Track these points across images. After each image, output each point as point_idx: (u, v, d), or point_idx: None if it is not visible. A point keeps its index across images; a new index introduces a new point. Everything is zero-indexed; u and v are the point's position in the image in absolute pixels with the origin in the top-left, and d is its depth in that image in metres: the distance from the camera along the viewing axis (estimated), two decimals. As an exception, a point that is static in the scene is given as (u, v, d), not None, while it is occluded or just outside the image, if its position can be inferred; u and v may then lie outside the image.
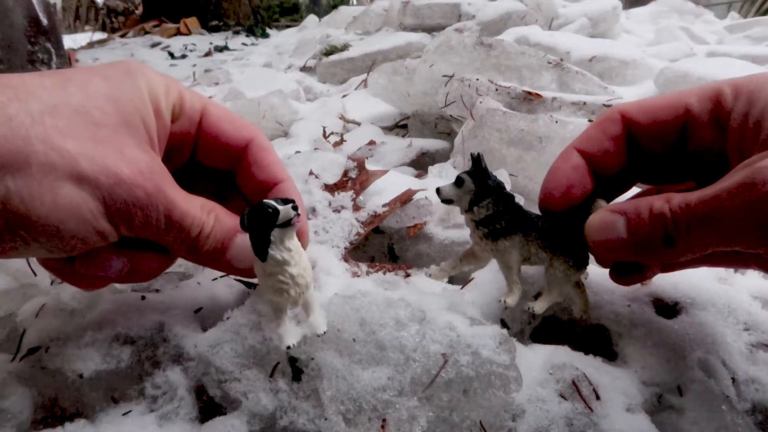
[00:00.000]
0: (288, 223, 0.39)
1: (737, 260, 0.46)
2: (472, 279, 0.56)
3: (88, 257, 0.41)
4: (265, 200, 0.39)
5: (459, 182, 0.47)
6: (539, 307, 0.47)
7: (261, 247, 0.39)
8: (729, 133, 0.40)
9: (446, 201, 0.48)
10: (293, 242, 0.41)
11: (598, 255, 0.45)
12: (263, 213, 0.38)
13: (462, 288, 0.55)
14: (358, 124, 1.24)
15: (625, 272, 0.48)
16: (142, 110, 0.41)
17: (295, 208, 0.39)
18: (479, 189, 0.46)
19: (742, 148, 0.39)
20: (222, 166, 0.49)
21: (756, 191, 0.33)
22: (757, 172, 0.33)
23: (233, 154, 0.48)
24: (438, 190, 0.48)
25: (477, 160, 0.46)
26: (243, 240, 0.44)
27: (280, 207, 0.39)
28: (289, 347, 0.42)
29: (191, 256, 0.44)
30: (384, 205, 0.63)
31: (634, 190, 0.52)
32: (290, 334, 0.42)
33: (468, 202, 0.47)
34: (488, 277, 0.56)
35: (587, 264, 0.47)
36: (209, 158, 0.49)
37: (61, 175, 0.35)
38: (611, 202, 0.45)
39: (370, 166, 0.72)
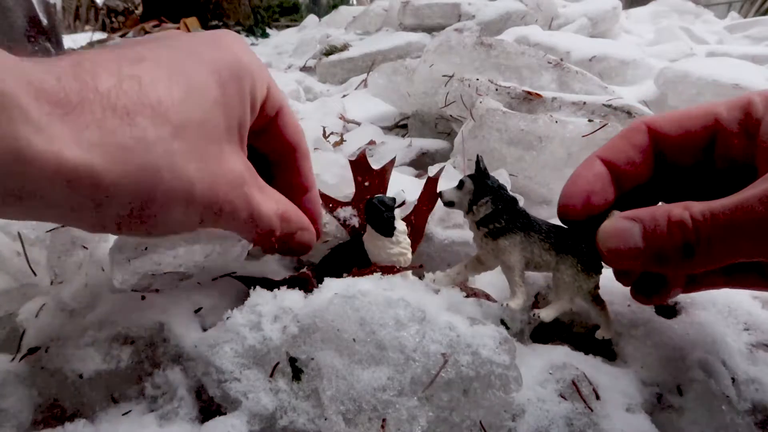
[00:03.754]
0: (402, 203, 0.56)
1: (763, 283, 0.45)
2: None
3: None
4: (377, 196, 0.54)
5: (460, 185, 0.47)
6: (546, 314, 0.45)
7: (389, 226, 0.52)
8: (759, 143, 0.39)
9: (448, 204, 0.48)
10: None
11: (611, 264, 0.43)
12: (386, 202, 0.53)
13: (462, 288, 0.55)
14: (358, 124, 1.24)
15: (645, 290, 0.46)
16: (243, 113, 0.43)
17: (399, 196, 0.60)
18: (477, 188, 0.46)
19: None
20: (269, 156, 0.54)
21: None
22: None
23: (282, 153, 0.53)
24: (440, 194, 0.48)
25: (476, 162, 0.47)
26: (301, 236, 0.52)
27: (394, 195, 0.57)
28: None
29: (260, 245, 0.51)
30: (411, 215, 0.61)
31: None
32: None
33: (468, 202, 0.47)
34: (488, 278, 0.56)
35: (601, 269, 0.45)
36: (263, 147, 0.52)
37: (176, 200, 0.38)
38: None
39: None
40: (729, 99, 0.43)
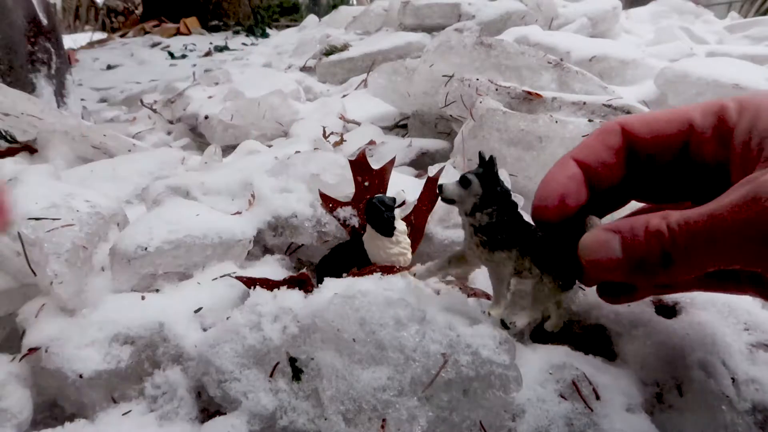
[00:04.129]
0: (402, 203, 0.55)
1: (735, 286, 0.45)
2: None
3: None
4: (377, 196, 0.54)
5: (465, 183, 0.43)
6: (521, 322, 0.45)
7: (389, 226, 0.53)
8: (732, 149, 0.39)
9: (448, 200, 0.45)
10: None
11: (592, 275, 0.43)
12: (386, 202, 0.53)
13: (462, 288, 0.55)
14: (358, 124, 1.24)
15: (612, 292, 0.47)
16: None
17: (399, 196, 0.60)
18: (486, 194, 0.43)
19: (746, 164, 0.38)
20: None
21: (760, 208, 0.32)
22: (761, 187, 0.32)
23: None
24: (440, 188, 0.44)
25: (489, 162, 0.43)
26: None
27: (394, 195, 0.56)
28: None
29: None
30: (411, 215, 0.61)
31: (629, 209, 0.50)
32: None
33: (472, 205, 0.43)
34: (487, 279, 0.56)
35: (574, 285, 0.46)
36: None
37: None
38: (605, 219, 0.44)
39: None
40: (704, 103, 0.42)
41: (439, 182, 0.45)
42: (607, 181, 0.44)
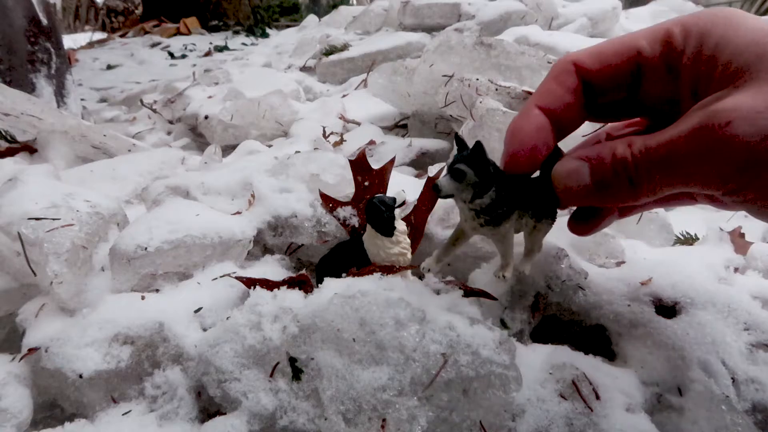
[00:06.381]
0: (402, 203, 0.53)
1: (690, 198, 0.47)
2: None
3: None
4: (377, 196, 0.53)
5: (459, 176, 0.43)
6: (528, 268, 0.50)
7: (389, 226, 0.52)
8: (682, 74, 0.40)
9: (446, 197, 0.45)
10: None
11: (566, 202, 0.45)
12: (387, 201, 0.52)
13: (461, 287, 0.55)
14: (358, 124, 1.24)
15: (582, 219, 0.49)
16: None
17: (400, 196, 0.59)
18: (483, 181, 0.44)
19: (697, 87, 0.39)
20: None
21: (711, 135, 0.34)
22: (712, 116, 0.34)
23: None
24: (436, 187, 0.44)
25: (478, 149, 0.43)
26: None
27: (394, 195, 0.55)
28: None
29: None
30: (411, 215, 0.61)
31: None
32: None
33: (471, 194, 0.44)
34: (487, 278, 0.56)
35: (556, 216, 0.49)
36: None
37: None
38: (565, 140, 0.46)
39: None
40: (651, 29, 0.43)
41: (434, 182, 0.45)
42: (570, 120, 0.46)
